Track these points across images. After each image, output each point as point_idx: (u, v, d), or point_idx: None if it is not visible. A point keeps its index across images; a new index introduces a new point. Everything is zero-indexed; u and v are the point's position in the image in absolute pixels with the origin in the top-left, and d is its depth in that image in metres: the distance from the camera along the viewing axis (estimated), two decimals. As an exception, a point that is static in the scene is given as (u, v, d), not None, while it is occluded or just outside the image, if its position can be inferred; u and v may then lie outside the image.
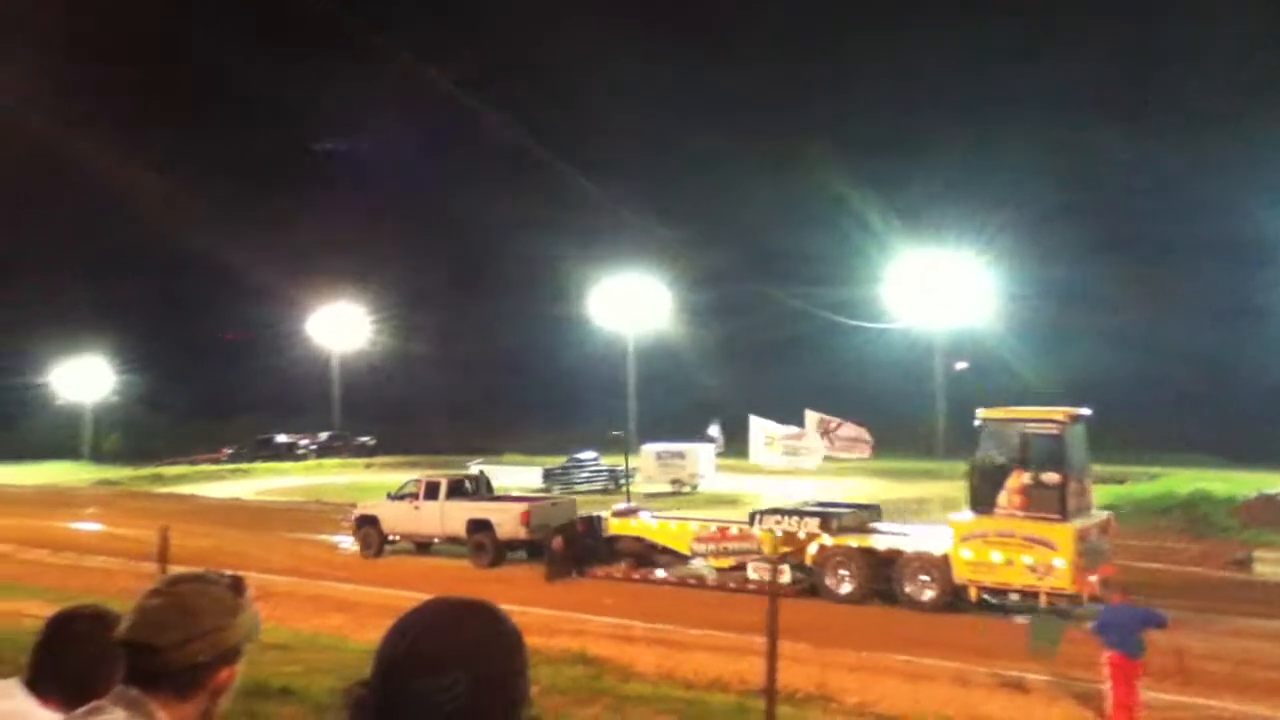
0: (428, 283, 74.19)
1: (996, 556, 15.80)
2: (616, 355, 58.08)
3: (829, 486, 31.72)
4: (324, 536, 26.77)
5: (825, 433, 28.45)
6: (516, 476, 38.89)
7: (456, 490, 23.80)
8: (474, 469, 29.23)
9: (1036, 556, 15.45)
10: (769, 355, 58.47)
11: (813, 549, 17.77)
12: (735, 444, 40.27)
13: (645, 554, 20.04)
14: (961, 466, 18.22)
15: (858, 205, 50.16)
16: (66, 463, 62.10)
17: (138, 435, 66.09)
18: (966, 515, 16.67)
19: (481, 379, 68.35)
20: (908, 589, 16.71)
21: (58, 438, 67.73)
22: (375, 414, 64.32)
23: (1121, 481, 28.91)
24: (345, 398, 68.77)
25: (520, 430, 56.49)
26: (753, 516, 19.24)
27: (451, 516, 22.78)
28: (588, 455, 41.53)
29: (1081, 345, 46.77)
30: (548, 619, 14.48)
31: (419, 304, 71.39)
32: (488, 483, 25.53)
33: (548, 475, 39.00)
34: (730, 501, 33.77)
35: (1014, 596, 15.84)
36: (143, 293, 77.63)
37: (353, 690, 1.39)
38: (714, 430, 43.10)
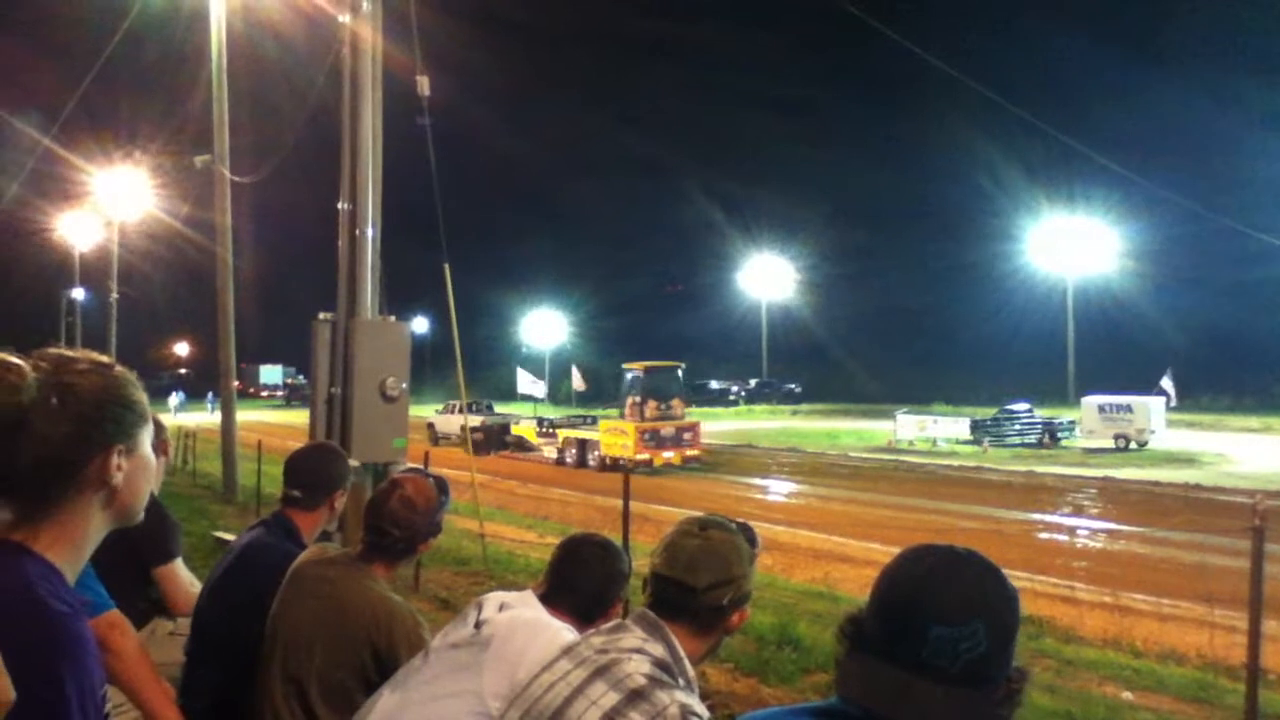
0: (849, 234, 73.92)
1: (611, 441, 29.87)
2: (1054, 301, 54.72)
3: None
4: (753, 479, 28.07)
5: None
6: (945, 427, 37.91)
7: (468, 409, 37.68)
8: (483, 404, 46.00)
9: (622, 440, 29.43)
10: (1228, 299, 52.42)
11: (560, 439, 32.68)
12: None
13: (522, 444, 34.89)
14: None
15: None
16: (529, 404, 69.51)
17: (586, 379, 72.53)
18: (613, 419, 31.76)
19: (908, 328, 67.13)
20: (589, 459, 30.58)
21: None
22: (801, 361, 65.41)
23: None
24: (772, 345, 70.59)
25: (948, 380, 55.02)
26: (540, 421, 36.41)
27: (455, 423, 37.08)
28: (1020, 407, 39.38)
29: None
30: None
31: (842, 255, 71.43)
32: (489, 406, 44.86)
33: (975, 426, 36.98)
34: (1187, 460, 30.71)
35: (622, 461, 27.96)
36: (593, 255, 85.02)
37: (850, 625, 1.46)
38: (1166, 382, 39.21)
